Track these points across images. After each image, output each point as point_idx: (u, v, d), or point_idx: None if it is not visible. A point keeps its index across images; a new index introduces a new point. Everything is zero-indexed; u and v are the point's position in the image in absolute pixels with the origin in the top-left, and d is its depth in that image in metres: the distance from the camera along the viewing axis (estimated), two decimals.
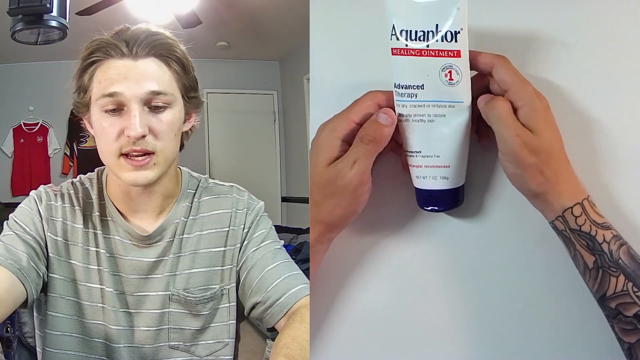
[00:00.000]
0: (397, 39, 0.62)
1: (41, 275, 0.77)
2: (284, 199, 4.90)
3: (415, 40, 0.61)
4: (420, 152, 0.65)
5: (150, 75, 0.75)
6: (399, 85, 0.63)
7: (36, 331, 0.85)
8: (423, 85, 0.62)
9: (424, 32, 0.61)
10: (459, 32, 0.60)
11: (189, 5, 2.97)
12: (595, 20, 0.67)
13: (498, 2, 0.69)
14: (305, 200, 4.07)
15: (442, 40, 0.61)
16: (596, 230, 0.59)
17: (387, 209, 0.70)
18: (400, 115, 0.64)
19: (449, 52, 0.61)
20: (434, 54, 0.61)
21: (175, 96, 0.77)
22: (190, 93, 0.80)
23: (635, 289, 0.57)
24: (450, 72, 0.61)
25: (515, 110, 0.60)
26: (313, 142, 0.65)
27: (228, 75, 4.75)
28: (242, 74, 4.86)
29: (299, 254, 3.09)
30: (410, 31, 0.61)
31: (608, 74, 0.67)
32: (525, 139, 0.59)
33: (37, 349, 0.84)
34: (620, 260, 0.58)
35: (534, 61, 0.68)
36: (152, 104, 0.75)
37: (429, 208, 0.67)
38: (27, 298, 0.74)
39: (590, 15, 0.67)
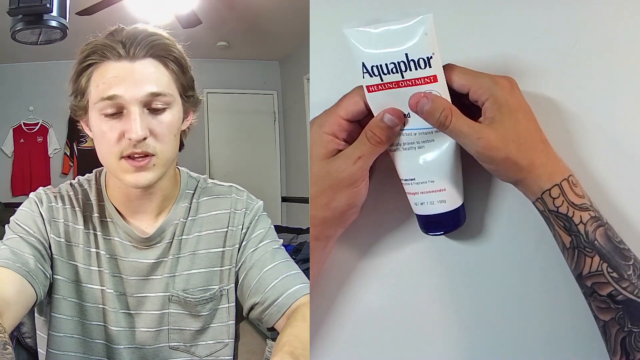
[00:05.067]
0: (370, 76, 0.61)
1: (48, 276, 0.77)
2: (284, 199, 4.91)
3: (389, 73, 0.60)
4: (414, 179, 0.64)
5: (149, 76, 0.74)
6: None
7: (38, 333, 0.85)
8: (408, 113, 0.62)
9: (394, 64, 0.60)
10: (431, 57, 0.59)
11: (189, 5, 2.97)
12: (595, 21, 0.67)
13: (498, 2, 0.69)
14: (305, 200, 4.07)
15: (416, 69, 0.60)
16: (573, 212, 0.59)
17: (386, 209, 0.70)
18: (389, 145, 0.64)
19: (426, 79, 0.60)
20: (411, 84, 0.60)
21: (174, 96, 0.77)
22: (188, 92, 0.80)
23: (609, 270, 0.58)
24: None
25: (482, 105, 0.61)
26: (309, 137, 0.66)
27: (228, 75, 4.75)
28: (242, 74, 4.86)
29: (299, 254, 3.09)
30: (381, 65, 0.60)
31: (608, 74, 0.67)
32: (487, 139, 0.59)
33: (40, 350, 0.84)
34: (596, 242, 0.58)
35: (535, 62, 0.68)
36: (152, 106, 0.74)
37: (433, 233, 0.67)
38: (36, 300, 0.74)
39: (590, 16, 0.67)
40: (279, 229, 3.79)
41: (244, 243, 0.85)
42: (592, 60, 0.67)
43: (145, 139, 0.73)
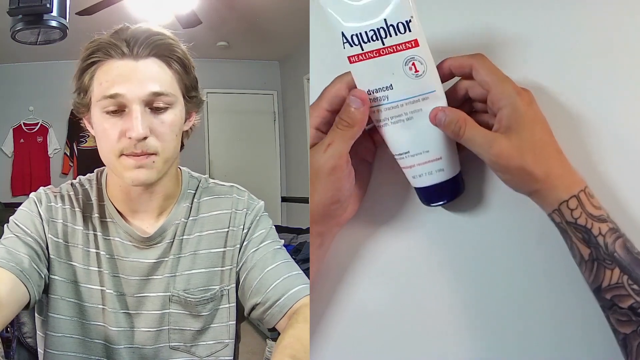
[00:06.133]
0: (351, 45, 0.61)
1: (43, 276, 0.77)
2: (284, 199, 4.90)
3: (369, 41, 0.60)
4: (409, 152, 0.64)
5: (152, 76, 0.74)
6: (368, 91, 0.62)
7: (37, 332, 0.85)
8: (391, 85, 0.62)
9: (374, 30, 0.60)
10: (410, 21, 0.59)
11: (189, 5, 2.97)
12: (594, 21, 0.67)
13: (499, 3, 0.69)
14: (305, 200, 4.07)
15: (396, 34, 0.59)
16: (592, 223, 0.59)
17: (385, 207, 0.70)
18: (377, 120, 0.63)
19: (407, 44, 0.60)
20: (392, 50, 0.60)
21: (176, 96, 0.77)
22: (191, 93, 0.80)
23: (630, 282, 0.57)
24: (413, 64, 0.60)
25: (498, 110, 0.60)
26: None
27: (228, 75, 4.75)
28: (242, 74, 4.86)
29: (299, 254, 3.09)
30: (361, 34, 0.60)
31: (608, 74, 0.67)
32: (501, 147, 0.59)
33: (39, 350, 0.84)
34: (615, 253, 0.58)
35: (534, 60, 0.68)
36: (154, 105, 0.74)
37: (435, 204, 0.66)
38: (29, 300, 0.74)
39: (590, 16, 0.67)
40: (279, 229, 3.75)
41: (245, 243, 0.85)
42: (592, 60, 0.67)
43: (146, 138, 0.73)
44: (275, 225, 0.89)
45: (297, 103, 4.49)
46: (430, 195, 0.66)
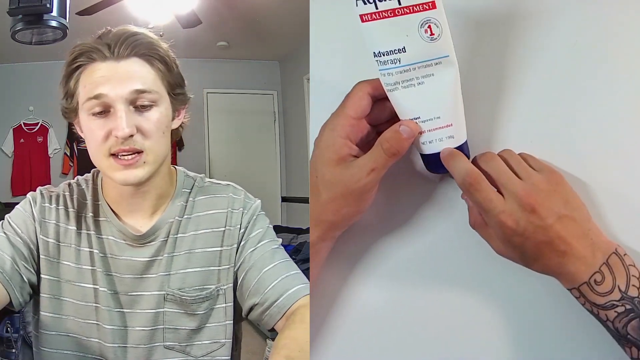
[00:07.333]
0: (365, 3, 0.58)
1: (26, 279, 0.78)
2: (284, 199, 4.91)
3: (384, 0, 0.58)
4: (419, 117, 0.62)
5: (134, 74, 0.76)
6: (379, 53, 0.60)
7: (32, 331, 0.85)
8: (404, 47, 0.59)
9: None
10: None
11: (189, 5, 2.97)
12: (595, 21, 0.67)
13: (499, 2, 0.69)
14: (305, 200, 4.07)
15: None
16: (598, 311, 0.58)
17: (387, 207, 0.70)
18: (387, 84, 0.62)
19: (424, 6, 0.58)
20: (408, 11, 0.58)
21: (160, 94, 0.78)
22: (176, 90, 0.81)
23: None
24: (429, 26, 0.58)
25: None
26: (316, 142, 0.64)
27: (228, 75, 4.75)
28: (242, 74, 4.87)
29: (299, 254, 3.09)
30: None
31: (608, 74, 0.67)
32: (499, 249, 0.62)
33: (33, 348, 0.84)
34: (629, 336, 0.57)
35: (534, 60, 0.68)
36: (138, 103, 0.75)
37: (443, 172, 0.64)
38: (11, 301, 0.76)
39: (590, 16, 0.67)
40: (279, 229, 3.78)
41: (242, 243, 0.85)
42: (592, 60, 0.67)
43: (132, 136, 0.74)
44: (275, 225, 0.89)
45: (297, 103, 4.49)
46: (437, 162, 0.64)
